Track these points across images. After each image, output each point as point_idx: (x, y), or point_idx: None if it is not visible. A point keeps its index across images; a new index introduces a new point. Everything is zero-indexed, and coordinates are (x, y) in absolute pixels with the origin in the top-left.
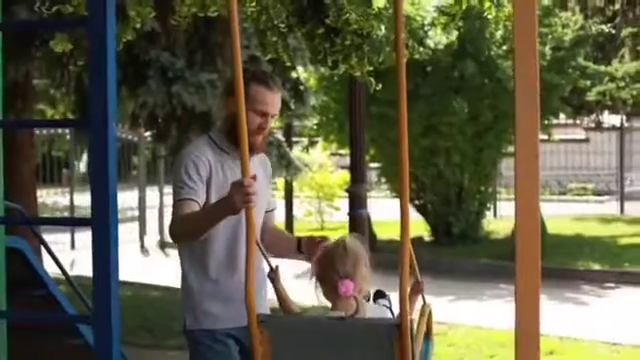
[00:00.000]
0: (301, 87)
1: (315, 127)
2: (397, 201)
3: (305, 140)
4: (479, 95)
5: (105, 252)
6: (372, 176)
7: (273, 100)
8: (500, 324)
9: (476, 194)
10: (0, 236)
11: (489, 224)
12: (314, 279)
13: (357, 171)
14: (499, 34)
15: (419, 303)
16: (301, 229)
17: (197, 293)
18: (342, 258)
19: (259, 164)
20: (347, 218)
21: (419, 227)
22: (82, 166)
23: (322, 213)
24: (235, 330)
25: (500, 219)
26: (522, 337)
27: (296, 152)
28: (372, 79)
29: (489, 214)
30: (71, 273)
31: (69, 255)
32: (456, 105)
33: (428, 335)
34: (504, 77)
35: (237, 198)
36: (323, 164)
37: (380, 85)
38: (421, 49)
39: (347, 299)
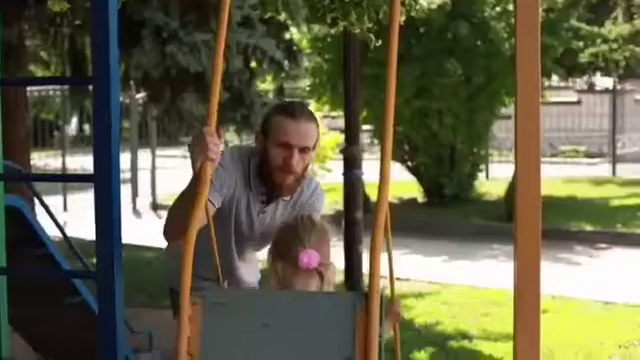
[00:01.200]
0: (294, 48)
1: (308, 89)
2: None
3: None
4: (472, 57)
5: (107, 209)
6: (365, 138)
7: (298, 129)
8: (494, 284)
9: (469, 156)
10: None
11: (481, 185)
12: (271, 257)
13: (351, 131)
14: None
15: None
16: None
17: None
18: (307, 230)
19: (292, 203)
20: (340, 180)
21: (412, 189)
22: (72, 129)
23: (314, 175)
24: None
25: (492, 181)
26: (522, 296)
27: None
28: (372, 35)
29: (481, 176)
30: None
31: (61, 217)
32: (449, 67)
33: None
34: (497, 39)
35: (196, 149)
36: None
37: (380, 41)
38: (417, 7)
39: (309, 275)
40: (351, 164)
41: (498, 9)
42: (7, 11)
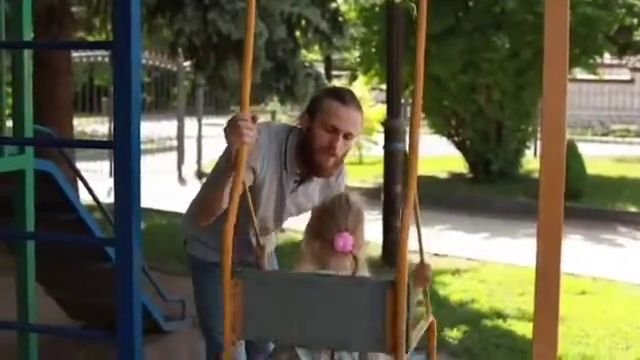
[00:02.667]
0: (340, 18)
1: (357, 60)
2: (435, 137)
3: (346, 74)
4: (521, 31)
5: (127, 174)
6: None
7: (347, 115)
8: (533, 262)
9: (516, 132)
10: (28, 158)
11: (528, 163)
12: (307, 235)
13: (394, 104)
14: None
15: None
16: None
17: (198, 233)
18: (344, 211)
19: (322, 183)
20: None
21: (458, 164)
22: None
23: (360, 147)
24: None
25: (540, 158)
26: (543, 273)
27: (336, 84)
28: (413, 4)
29: (529, 153)
30: (108, 200)
31: (107, 183)
32: (497, 41)
33: (429, 352)
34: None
35: (230, 135)
36: (362, 98)
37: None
38: None
39: (344, 256)
40: (392, 137)
41: None
42: None
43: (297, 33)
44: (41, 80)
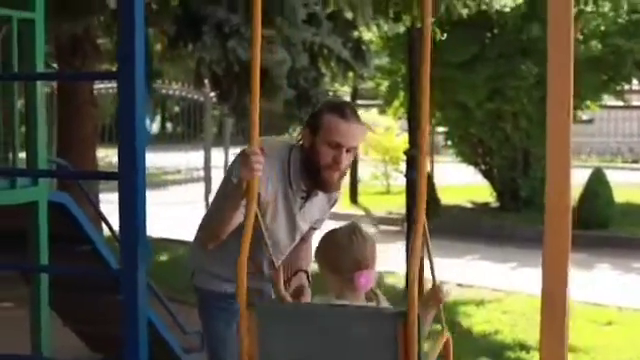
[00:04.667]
0: (363, 47)
1: (385, 90)
2: (462, 165)
3: (373, 102)
4: (546, 59)
5: (131, 206)
6: (439, 140)
7: (349, 131)
8: None
9: (543, 160)
10: (42, 190)
11: None
12: (322, 267)
13: (416, 133)
14: None
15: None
16: (367, 192)
17: (206, 253)
18: (362, 247)
19: (325, 196)
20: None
21: (485, 192)
22: (155, 126)
23: (388, 177)
24: None
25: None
26: (549, 301)
27: (364, 114)
28: (437, 29)
29: None
30: None
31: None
32: (523, 68)
33: None
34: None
35: (244, 172)
36: (389, 127)
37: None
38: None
39: (362, 293)
40: (415, 166)
41: (575, 9)
42: (74, 4)
43: (320, 62)
44: (64, 112)
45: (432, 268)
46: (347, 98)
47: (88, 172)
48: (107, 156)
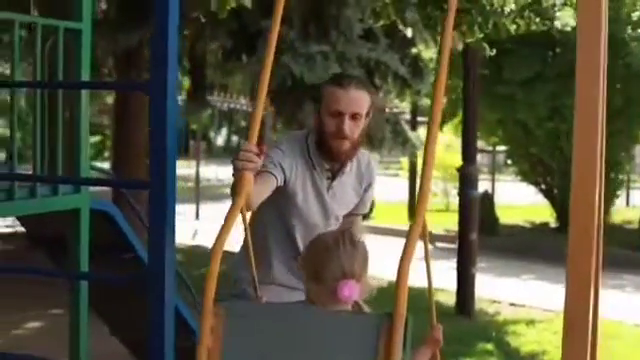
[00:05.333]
0: (420, 63)
1: (444, 107)
2: (522, 185)
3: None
4: (608, 78)
5: (161, 216)
6: (499, 159)
7: (347, 97)
8: (613, 315)
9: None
10: (84, 197)
11: (620, 212)
12: (304, 274)
13: (469, 150)
14: (636, 15)
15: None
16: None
17: (248, 266)
18: (349, 255)
19: (355, 174)
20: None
21: (544, 212)
22: (220, 140)
23: (447, 194)
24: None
25: (633, 208)
26: (571, 322)
27: (422, 132)
28: (485, 44)
29: (621, 202)
30: (193, 242)
31: (193, 225)
32: None
33: None
34: (636, 61)
35: (236, 162)
36: (450, 145)
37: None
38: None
39: (345, 305)
40: (467, 183)
41: (639, 30)
42: (128, 17)
43: (376, 78)
44: (120, 123)
45: (430, 281)
46: (407, 115)
47: (119, 180)
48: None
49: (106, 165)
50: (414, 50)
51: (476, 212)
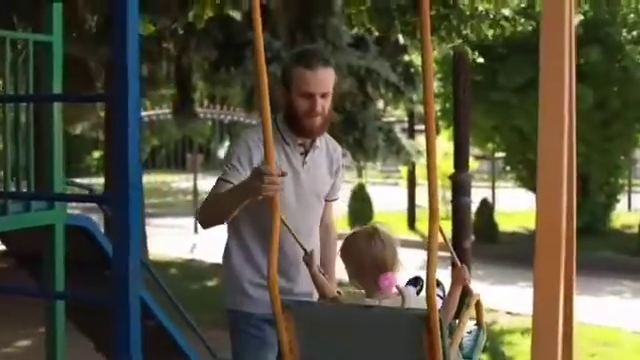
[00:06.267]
0: (412, 70)
1: (438, 114)
2: (521, 191)
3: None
4: (605, 82)
5: (124, 230)
6: (498, 165)
7: (316, 79)
8: (611, 322)
9: (604, 186)
10: (58, 213)
11: (620, 217)
12: (348, 270)
13: (461, 158)
14: (632, 17)
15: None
16: (425, 217)
17: (239, 274)
18: (380, 251)
19: (325, 152)
20: (474, 208)
21: None
22: (222, 152)
23: (446, 202)
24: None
25: (635, 212)
26: (540, 327)
27: (420, 140)
28: (468, 49)
29: (622, 206)
30: (190, 256)
31: (191, 239)
32: (580, 92)
33: (480, 326)
34: (632, 64)
35: (258, 184)
36: (448, 153)
37: (476, 54)
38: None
39: (389, 292)
40: (460, 191)
41: (635, 33)
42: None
43: (368, 86)
44: (111, 137)
45: (452, 255)
46: (405, 124)
47: (81, 196)
48: (173, 181)
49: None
50: (406, 57)
51: (469, 220)
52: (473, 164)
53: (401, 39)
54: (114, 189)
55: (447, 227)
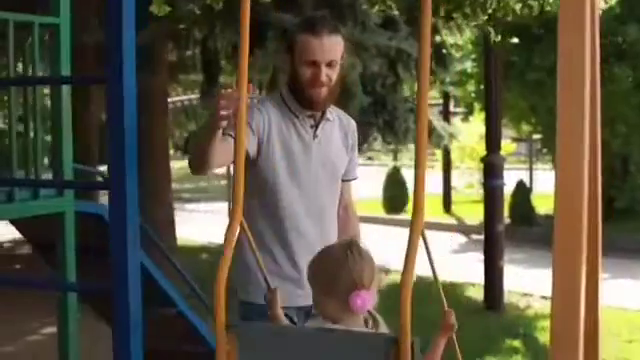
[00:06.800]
0: (444, 51)
1: (471, 96)
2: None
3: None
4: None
5: (121, 217)
6: (535, 147)
7: (321, 46)
8: None
9: None
10: (68, 200)
11: None
12: (315, 289)
13: (492, 139)
14: None
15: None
16: (461, 201)
17: (250, 264)
18: (359, 265)
19: (338, 125)
20: (511, 190)
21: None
22: None
23: (479, 185)
24: (285, 309)
25: None
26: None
27: (456, 122)
28: (491, 28)
29: None
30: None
31: (224, 224)
32: (619, 72)
33: None
34: None
35: (215, 104)
36: (483, 135)
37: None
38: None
39: (358, 315)
40: (492, 173)
41: None
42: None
43: (399, 67)
44: (138, 123)
45: (434, 269)
46: (440, 106)
47: (79, 182)
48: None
49: None
50: (437, 38)
51: (502, 203)
52: (510, 146)
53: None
54: (112, 175)
55: (479, 211)
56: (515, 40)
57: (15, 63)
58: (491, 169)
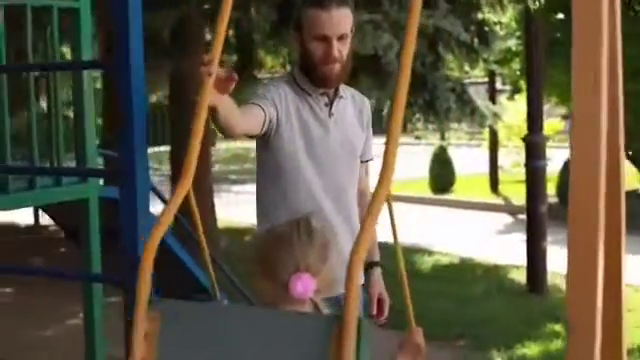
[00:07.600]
0: (486, 29)
1: (516, 74)
2: None
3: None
4: None
5: (131, 206)
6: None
7: (331, 20)
8: None
9: None
10: (92, 186)
11: None
12: (255, 273)
13: (534, 119)
14: None
15: None
16: (507, 180)
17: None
18: (304, 245)
19: (351, 103)
20: (556, 168)
21: (631, 179)
22: None
23: (521, 165)
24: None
25: None
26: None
27: (502, 100)
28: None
29: None
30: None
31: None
32: None
33: None
34: None
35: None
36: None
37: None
38: None
39: (300, 303)
40: (534, 154)
41: None
42: None
43: (440, 46)
44: (176, 108)
45: (395, 238)
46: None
47: (88, 169)
48: (253, 148)
49: None
50: (479, 15)
51: (544, 183)
52: (559, 124)
53: None
54: (122, 161)
55: (521, 191)
56: (560, 16)
57: (34, 48)
58: (533, 149)
